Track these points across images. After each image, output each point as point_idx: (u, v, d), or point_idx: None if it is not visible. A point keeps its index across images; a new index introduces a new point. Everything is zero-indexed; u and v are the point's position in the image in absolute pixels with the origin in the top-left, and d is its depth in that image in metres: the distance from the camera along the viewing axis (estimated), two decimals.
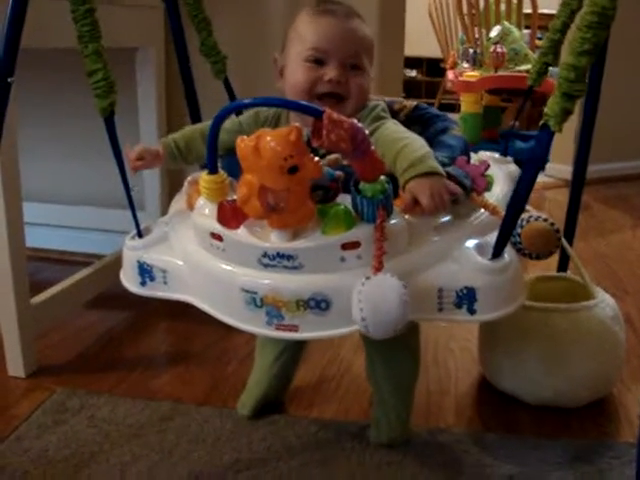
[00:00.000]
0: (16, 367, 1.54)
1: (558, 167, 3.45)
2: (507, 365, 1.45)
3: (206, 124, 1.19)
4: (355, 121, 0.86)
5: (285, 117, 1.19)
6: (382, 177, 0.92)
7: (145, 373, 1.59)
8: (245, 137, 0.87)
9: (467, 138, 3.39)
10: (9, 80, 1.14)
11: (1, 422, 1.37)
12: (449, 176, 1.03)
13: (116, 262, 1.22)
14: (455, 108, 4.34)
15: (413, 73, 7.38)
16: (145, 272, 1.11)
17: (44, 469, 1.23)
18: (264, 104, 1.11)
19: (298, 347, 1.41)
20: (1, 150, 1.20)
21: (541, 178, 3.65)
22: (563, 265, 1.66)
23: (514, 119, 1.71)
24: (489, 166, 1.11)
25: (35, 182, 2.22)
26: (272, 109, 1.21)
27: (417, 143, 1.05)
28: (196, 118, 1.53)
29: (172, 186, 2.01)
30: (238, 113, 1.25)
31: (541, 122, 0.96)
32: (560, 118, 0.94)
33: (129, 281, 1.15)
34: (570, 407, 1.42)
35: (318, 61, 1.14)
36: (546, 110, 0.95)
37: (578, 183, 1.63)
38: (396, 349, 1.26)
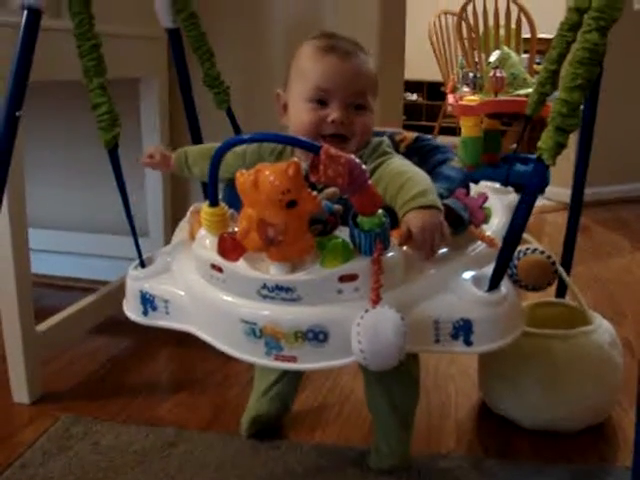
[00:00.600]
0: (21, 394, 1.55)
1: (557, 190, 3.46)
2: (506, 390, 1.46)
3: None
4: (352, 156, 0.88)
5: (289, 150, 1.21)
6: (380, 211, 0.94)
7: (149, 399, 1.60)
8: (245, 171, 0.89)
9: (467, 161, 3.43)
10: (17, 114, 1.17)
11: (6, 449, 1.38)
12: (447, 209, 1.05)
13: (120, 288, 1.24)
14: (456, 131, 4.37)
15: (414, 97, 7.40)
16: (147, 302, 1.13)
17: None
18: (263, 140, 1.12)
19: (296, 372, 1.42)
20: (9, 180, 1.23)
21: (541, 201, 3.66)
22: (561, 291, 1.67)
23: (515, 143, 1.72)
24: (487, 198, 1.12)
25: (40, 208, 2.24)
26: None
27: (419, 177, 1.07)
28: None
29: (176, 212, 2.03)
30: None
31: (536, 155, 0.98)
32: (554, 151, 0.96)
33: (131, 310, 1.17)
34: (568, 432, 1.43)
35: (321, 101, 1.15)
36: (540, 144, 0.97)
37: (576, 207, 1.64)
38: (396, 375, 1.25)
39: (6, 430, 1.45)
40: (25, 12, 1.15)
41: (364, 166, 0.89)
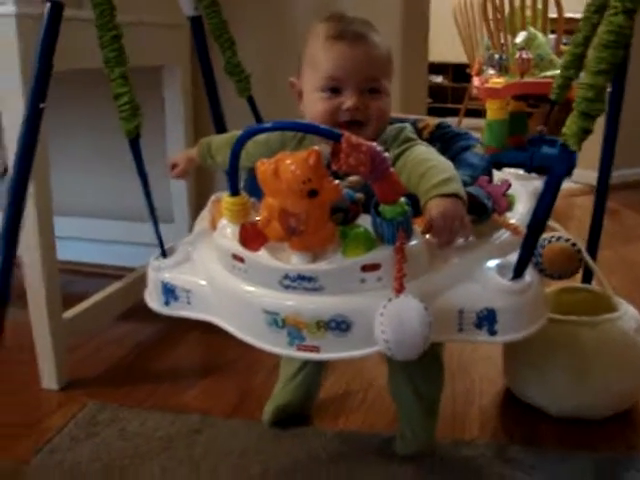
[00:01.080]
0: (49, 380, 1.57)
1: (585, 173, 3.43)
2: (531, 376, 1.46)
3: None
4: (374, 144, 0.87)
5: (310, 136, 1.19)
6: (402, 199, 0.93)
7: (174, 386, 1.61)
8: (265, 160, 0.89)
9: (493, 144, 3.40)
10: (41, 106, 1.18)
11: (35, 434, 1.40)
12: (470, 196, 1.04)
13: (146, 275, 1.24)
14: (482, 114, 4.33)
15: (439, 79, 7.34)
16: (169, 292, 1.13)
17: None
18: (283, 128, 1.11)
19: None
20: (33, 168, 1.24)
21: (568, 184, 3.62)
22: (587, 276, 1.66)
23: (541, 124, 1.70)
24: (510, 186, 1.11)
25: (66, 196, 2.26)
26: None
27: (444, 165, 1.06)
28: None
29: (200, 199, 2.03)
30: None
31: (560, 141, 0.97)
32: (579, 137, 0.95)
33: (153, 301, 1.18)
34: (594, 419, 1.42)
35: (334, 89, 1.14)
36: (564, 130, 0.96)
37: (602, 190, 1.62)
38: (420, 363, 1.24)
39: (35, 416, 1.48)
40: (47, 5, 1.16)
41: (386, 154, 0.88)
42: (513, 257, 1.02)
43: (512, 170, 1.42)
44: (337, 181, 0.90)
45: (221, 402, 1.53)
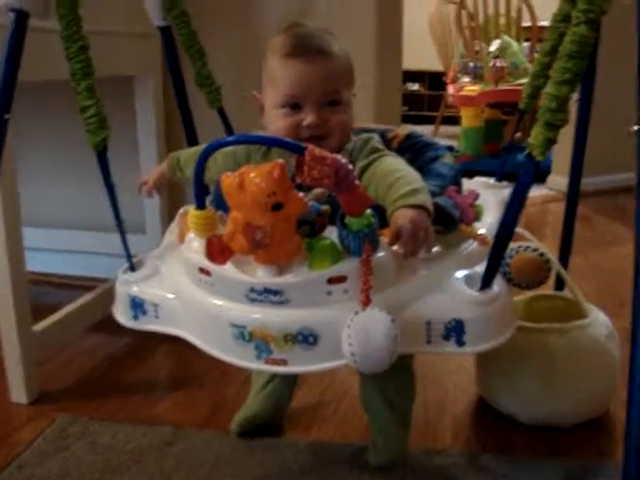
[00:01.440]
0: (18, 394, 1.55)
1: (560, 180, 3.46)
2: (503, 385, 1.46)
3: None
4: (338, 157, 0.87)
5: (275, 148, 1.19)
6: (368, 211, 0.93)
7: (146, 398, 1.60)
8: (230, 174, 0.89)
9: (469, 152, 3.42)
10: (6, 117, 1.17)
11: (3, 449, 1.39)
12: (438, 207, 1.04)
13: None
14: (458, 121, 4.36)
15: (415, 86, 7.40)
16: (137, 306, 1.13)
17: None
18: (247, 142, 1.11)
19: None
20: (1, 180, 1.23)
21: (542, 191, 3.65)
22: (559, 284, 1.66)
23: (513, 133, 1.72)
24: (478, 196, 1.11)
25: (37, 207, 2.25)
26: None
27: (411, 177, 1.06)
28: (194, 145, 1.55)
29: (172, 210, 2.02)
30: None
31: (525, 152, 0.97)
32: (544, 147, 0.95)
33: (121, 315, 1.17)
34: (566, 426, 1.43)
35: (294, 105, 1.14)
36: (530, 140, 0.96)
37: (573, 197, 1.62)
38: (391, 373, 1.24)
39: (4, 430, 1.46)
40: (11, 14, 1.15)
41: (351, 166, 0.88)
42: (481, 267, 1.03)
43: (483, 179, 1.43)
44: (302, 194, 0.90)
45: (193, 414, 1.52)
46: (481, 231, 1.11)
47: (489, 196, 1.27)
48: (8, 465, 1.33)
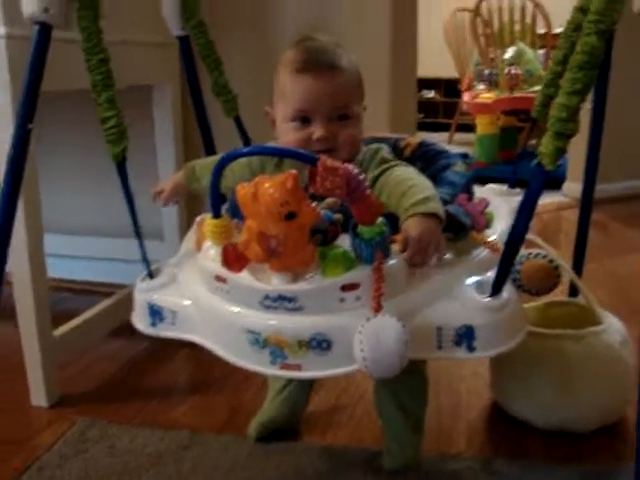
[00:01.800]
0: (39, 397, 1.58)
1: (574, 186, 3.45)
2: (517, 390, 1.47)
3: None
4: (350, 166, 0.89)
5: (288, 160, 1.20)
6: (380, 219, 0.95)
7: (164, 402, 1.62)
8: (245, 184, 0.91)
9: (484, 159, 3.41)
10: (29, 127, 1.20)
11: (24, 452, 1.41)
12: (449, 215, 1.05)
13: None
14: (473, 129, 4.37)
15: (431, 94, 7.40)
16: (155, 313, 1.15)
17: None
18: (260, 153, 1.14)
19: None
20: (23, 186, 1.26)
21: (557, 198, 3.64)
22: (574, 290, 1.67)
23: (525, 141, 1.72)
24: (488, 204, 1.13)
25: (58, 214, 2.27)
26: None
27: (424, 185, 1.07)
28: (211, 154, 1.57)
29: (190, 217, 2.04)
30: None
31: (535, 161, 0.98)
32: (554, 156, 0.96)
33: (140, 322, 1.19)
34: (581, 432, 1.43)
35: (304, 119, 1.15)
36: (540, 149, 0.97)
37: (587, 203, 1.63)
38: (404, 379, 1.25)
39: (24, 433, 1.48)
40: (36, 27, 1.18)
41: (362, 176, 0.90)
42: (491, 274, 1.04)
43: (495, 186, 1.44)
44: (315, 204, 0.92)
45: (210, 418, 1.54)
46: (492, 238, 1.12)
47: (501, 203, 1.28)
48: (28, 468, 1.35)
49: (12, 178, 1.23)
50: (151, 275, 1.20)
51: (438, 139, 1.36)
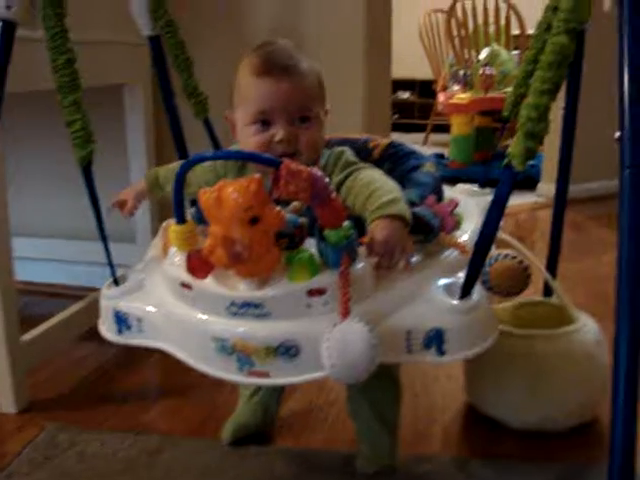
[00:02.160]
0: (7, 403, 1.56)
1: (549, 187, 3.46)
2: (492, 391, 1.47)
3: None
4: (315, 170, 0.88)
5: (251, 163, 1.19)
6: (346, 223, 0.93)
7: (136, 406, 1.60)
8: (207, 188, 0.89)
9: (459, 159, 3.42)
10: None
11: None
12: (417, 217, 1.04)
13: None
14: (448, 129, 4.38)
15: (406, 95, 7.42)
16: (121, 321, 1.13)
17: None
18: (225, 158, 1.13)
19: None
20: None
21: (532, 198, 3.66)
22: (548, 289, 1.67)
23: (498, 141, 1.73)
24: (457, 205, 1.12)
25: (26, 217, 2.25)
26: None
27: (388, 186, 1.06)
28: (183, 155, 1.55)
29: (163, 219, 2.02)
30: None
31: (505, 162, 0.97)
32: (524, 157, 0.95)
33: (107, 329, 1.18)
34: (556, 432, 1.43)
35: (265, 122, 1.14)
36: (510, 149, 0.97)
37: (561, 203, 1.62)
38: (377, 382, 1.25)
39: None
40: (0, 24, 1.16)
41: (327, 179, 0.89)
42: (460, 276, 1.03)
43: (466, 186, 1.43)
44: (279, 208, 0.91)
45: (183, 422, 1.53)
46: (461, 239, 1.12)
47: (471, 203, 1.28)
48: None
49: None
50: (117, 282, 1.18)
51: (413, 140, 1.35)
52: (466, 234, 1.16)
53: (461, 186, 1.43)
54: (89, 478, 1.33)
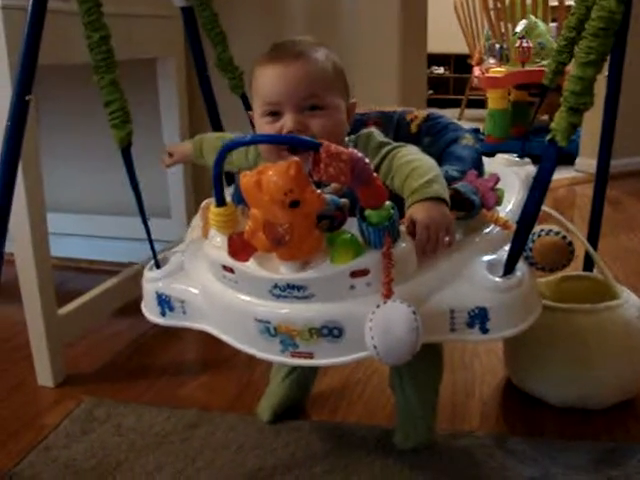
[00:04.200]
0: (45, 377, 1.57)
1: (588, 162, 3.41)
2: (532, 367, 1.45)
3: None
4: (355, 151, 0.87)
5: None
6: (387, 203, 0.92)
7: (172, 381, 1.61)
8: (248, 172, 0.88)
9: (495, 134, 3.39)
10: (27, 98, 1.17)
11: (30, 432, 1.40)
12: (458, 193, 1.03)
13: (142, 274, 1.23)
14: (484, 105, 4.33)
15: (441, 70, 7.37)
16: (164, 302, 1.14)
17: (71, 479, 1.26)
18: (262, 141, 1.11)
19: None
20: (24, 164, 1.23)
21: (571, 173, 3.62)
22: (589, 264, 1.64)
23: (536, 113, 1.69)
24: (499, 180, 1.10)
25: (64, 193, 2.26)
26: None
27: (426, 166, 1.05)
28: (217, 129, 1.54)
29: (197, 195, 2.03)
30: None
31: (548, 137, 0.95)
32: (567, 133, 0.93)
33: (150, 311, 1.18)
34: (596, 409, 1.42)
35: (275, 113, 1.11)
36: (553, 125, 0.94)
37: (602, 177, 1.58)
38: (420, 356, 1.24)
39: (30, 413, 1.48)
40: None
41: (367, 160, 0.88)
42: (503, 253, 1.02)
43: (505, 155, 1.41)
44: (319, 190, 0.89)
45: (219, 396, 1.53)
46: (502, 214, 1.10)
47: (511, 174, 1.26)
48: (35, 447, 1.34)
49: (10, 150, 1.20)
50: (158, 265, 1.18)
51: (449, 115, 1.32)
52: (508, 208, 1.14)
53: (500, 156, 1.41)
54: (125, 451, 1.33)
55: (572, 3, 3.98)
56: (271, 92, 1.11)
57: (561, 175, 3.55)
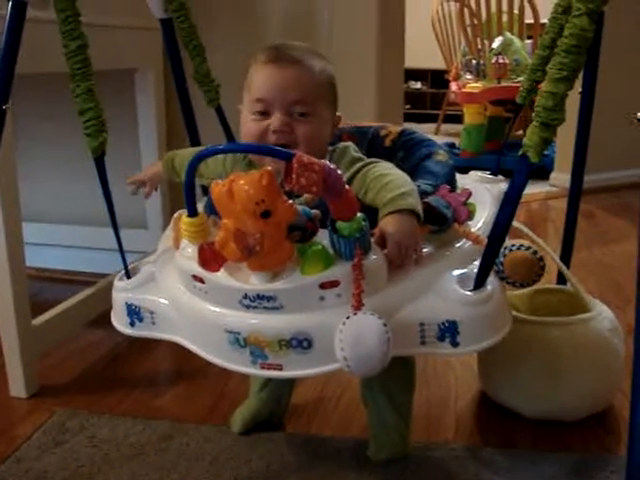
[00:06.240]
0: (18, 388, 1.56)
1: (562, 176, 3.44)
2: (505, 379, 1.46)
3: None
4: (327, 163, 0.87)
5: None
6: (359, 214, 0.93)
7: (146, 392, 1.60)
8: (219, 181, 0.88)
9: (471, 149, 3.40)
10: (4, 107, 1.15)
11: (2, 443, 1.39)
12: (430, 207, 1.04)
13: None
14: (460, 120, 4.36)
15: (418, 85, 7.41)
16: (133, 313, 1.13)
17: None
18: (236, 150, 1.12)
19: None
20: (0, 173, 1.22)
21: (545, 188, 3.65)
22: (562, 277, 1.65)
23: (510, 129, 1.71)
24: (470, 194, 1.11)
25: (39, 203, 2.24)
26: None
27: (400, 180, 1.06)
28: (195, 141, 1.54)
29: (174, 204, 2.02)
30: None
31: (520, 152, 0.96)
32: (540, 148, 0.94)
33: (119, 322, 1.18)
34: (569, 420, 1.43)
35: (264, 112, 1.13)
36: (525, 140, 0.95)
37: (576, 192, 1.60)
38: (391, 368, 1.25)
39: (3, 424, 1.47)
40: (10, 4, 1.13)
41: (339, 171, 0.88)
42: (474, 267, 1.03)
43: (478, 173, 1.42)
44: (291, 200, 0.90)
45: (193, 408, 1.53)
46: (474, 229, 1.11)
47: (483, 191, 1.27)
48: (7, 459, 1.33)
49: None
50: (128, 274, 1.18)
51: (425, 130, 1.34)
52: (479, 223, 1.15)
53: (474, 173, 1.42)
54: (98, 463, 1.32)
55: (547, 21, 4.06)
56: (264, 90, 1.12)
57: (536, 189, 3.59)
